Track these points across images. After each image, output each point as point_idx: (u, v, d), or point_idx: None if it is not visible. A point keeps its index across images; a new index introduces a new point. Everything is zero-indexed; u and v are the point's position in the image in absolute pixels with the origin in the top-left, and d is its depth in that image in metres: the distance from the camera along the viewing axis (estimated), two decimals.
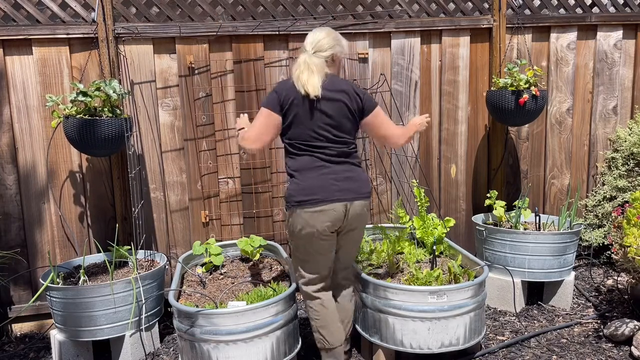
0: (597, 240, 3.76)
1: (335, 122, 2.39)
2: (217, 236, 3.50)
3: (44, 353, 3.07)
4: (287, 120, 2.39)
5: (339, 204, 2.38)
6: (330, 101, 2.38)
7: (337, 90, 2.40)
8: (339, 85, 2.42)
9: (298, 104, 2.37)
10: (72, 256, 3.30)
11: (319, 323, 2.53)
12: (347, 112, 2.41)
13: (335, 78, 2.45)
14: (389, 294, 2.59)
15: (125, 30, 3.16)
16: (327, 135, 2.39)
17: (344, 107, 2.40)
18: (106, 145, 2.86)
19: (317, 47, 2.44)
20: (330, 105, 2.38)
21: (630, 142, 3.75)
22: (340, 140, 2.42)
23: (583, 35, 3.81)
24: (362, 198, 2.45)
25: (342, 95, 2.40)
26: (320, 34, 2.45)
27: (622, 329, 2.87)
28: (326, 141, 2.40)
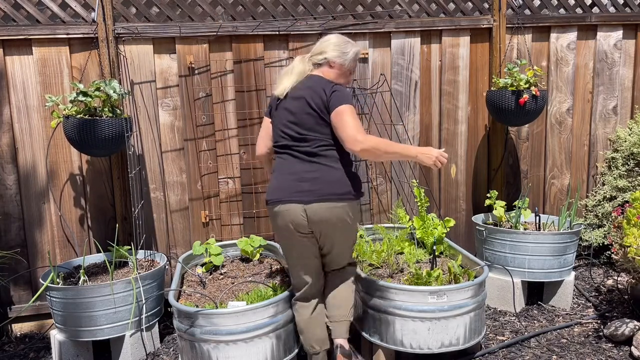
0: (597, 240, 3.76)
1: (297, 119, 2.35)
2: (217, 236, 3.50)
3: (44, 353, 3.07)
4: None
5: (295, 205, 2.30)
6: (294, 99, 2.38)
7: (303, 87, 2.37)
8: (309, 83, 2.38)
9: (275, 106, 2.46)
10: (72, 256, 3.30)
11: (300, 327, 2.54)
12: (309, 108, 2.33)
13: (313, 78, 2.41)
14: (389, 294, 2.59)
15: (125, 30, 3.16)
16: (290, 134, 2.37)
17: (304, 103, 2.34)
18: (106, 145, 2.86)
19: (313, 50, 2.49)
20: (293, 103, 2.37)
21: (630, 142, 3.75)
22: (303, 138, 2.35)
23: (583, 35, 3.82)
24: (324, 200, 2.29)
25: (306, 91, 2.35)
26: (326, 38, 2.47)
27: (622, 329, 2.87)
28: (291, 140, 2.37)
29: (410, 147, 2.35)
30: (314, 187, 2.31)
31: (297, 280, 2.51)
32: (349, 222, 2.38)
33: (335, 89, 2.34)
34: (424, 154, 2.32)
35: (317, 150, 2.34)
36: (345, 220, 2.37)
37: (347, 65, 2.47)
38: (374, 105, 3.61)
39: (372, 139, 2.23)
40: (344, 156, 2.39)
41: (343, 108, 2.28)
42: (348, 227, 2.40)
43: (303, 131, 2.35)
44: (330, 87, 2.34)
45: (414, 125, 3.67)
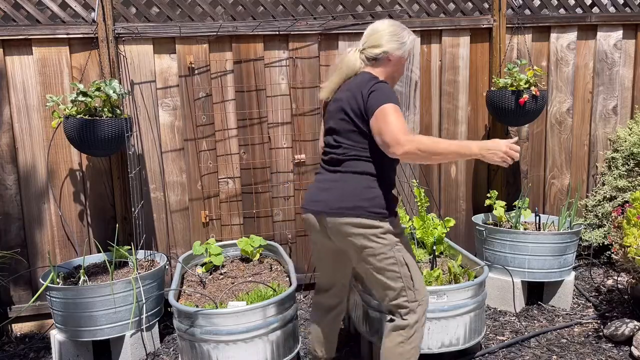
0: (597, 240, 3.76)
1: (334, 124, 2.13)
2: (217, 236, 3.50)
3: (44, 353, 3.07)
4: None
5: (311, 215, 2.17)
6: (334, 102, 2.15)
7: (345, 89, 2.12)
8: (352, 83, 2.11)
9: (324, 108, 2.29)
10: (72, 256, 3.30)
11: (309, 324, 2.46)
12: (343, 114, 2.08)
13: (361, 77, 2.10)
14: None
15: (125, 30, 3.16)
16: (329, 141, 2.19)
17: (340, 107, 2.10)
18: (106, 145, 2.86)
19: (368, 42, 2.14)
20: (333, 106, 2.16)
21: (630, 142, 3.75)
22: (338, 145, 2.12)
23: (583, 35, 3.81)
24: (333, 214, 2.06)
25: (345, 93, 2.10)
26: (377, 26, 2.14)
27: (622, 329, 2.87)
28: (329, 147, 2.18)
29: (470, 144, 1.96)
30: (327, 198, 2.09)
31: (317, 275, 2.43)
32: (366, 244, 2.03)
33: (374, 89, 2.01)
34: (490, 151, 1.93)
35: (344, 159, 2.10)
36: (360, 243, 2.04)
37: (406, 57, 2.19)
38: None
39: (417, 140, 1.91)
40: (383, 172, 2.08)
41: (382, 109, 1.96)
42: (368, 252, 2.05)
43: (339, 138, 2.11)
44: (369, 87, 2.02)
45: (414, 125, 3.67)
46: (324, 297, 2.44)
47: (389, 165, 2.11)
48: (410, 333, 2.08)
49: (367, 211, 2.02)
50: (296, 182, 3.57)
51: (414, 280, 2.09)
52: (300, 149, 3.54)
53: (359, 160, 2.08)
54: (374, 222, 2.03)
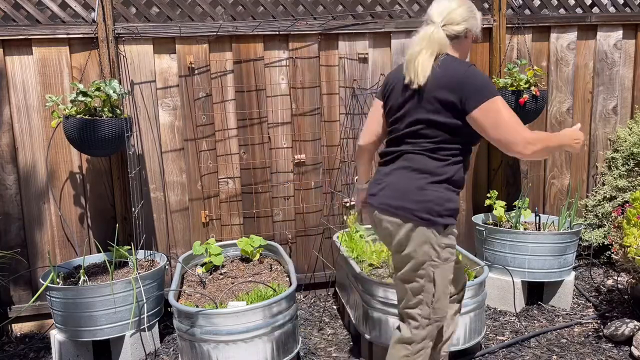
0: (597, 240, 3.76)
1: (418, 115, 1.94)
2: (217, 236, 3.50)
3: (44, 353, 3.07)
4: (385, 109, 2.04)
5: (369, 207, 2.08)
6: (411, 89, 1.94)
7: (433, 76, 1.89)
8: (441, 68, 1.90)
9: (392, 89, 2.02)
10: (72, 256, 3.30)
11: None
12: (434, 103, 1.89)
13: (446, 61, 1.91)
14: (389, 294, 2.59)
15: (125, 30, 3.16)
16: (400, 127, 2.00)
17: (432, 96, 1.89)
18: (106, 146, 2.86)
19: (449, 18, 1.94)
20: (409, 94, 1.95)
21: (630, 142, 3.75)
22: (412, 133, 1.97)
23: (583, 35, 3.81)
24: (381, 210, 1.97)
25: (434, 82, 1.89)
26: (450, 2, 1.95)
27: (622, 329, 2.87)
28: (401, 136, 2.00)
29: (564, 137, 1.94)
30: (383, 193, 1.98)
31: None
32: (404, 248, 1.93)
33: (469, 75, 1.86)
34: (576, 141, 1.96)
35: (406, 152, 1.96)
36: (399, 244, 1.94)
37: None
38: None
39: (539, 138, 1.83)
40: (448, 172, 1.92)
41: (493, 102, 1.82)
42: (404, 254, 1.94)
43: (424, 131, 1.93)
44: (463, 72, 1.87)
45: None
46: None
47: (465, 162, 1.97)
48: (416, 349, 2.00)
49: (411, 214, 1.90)
50: (296, 182, 3.57)
51: (435, 299, 1.97)
52: (300, 149, 3.54)
53: (422, 155, 1.94)
54: (416, 226, 1.91)
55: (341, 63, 3.52)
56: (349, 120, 3.58)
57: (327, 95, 3.53)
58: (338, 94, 3.54)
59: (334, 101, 3.54)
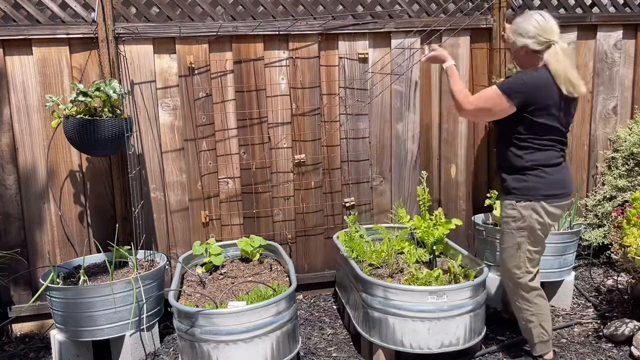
0: (597, 240, 3.76)
1: (566, 120, 2.51)
2: (217, 236, 3.50)
3: (44, 353, 3.07)
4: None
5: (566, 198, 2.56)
6: (564, 97, 2.45)
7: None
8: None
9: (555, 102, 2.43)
10: (72, 256, 3.30)
11: (542, 317, 2.56)
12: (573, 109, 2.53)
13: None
14: (389, 294, 2.59)
15: (125, 30, 3.16)
16: (561, 137, 2.52)
17: (573, 105, 2.52)
18: (106, 146, 2.86)
19: (555, 33, 2.46)
20: (564, 101, 2.45)
21: (630, 142, 3.75)
22: (566, 140, 2.55)
23: (583, 35, 3.81)
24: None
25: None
26: (550, 18, 2.45)
27: (622, 329, 2.87)
28: (562, 143, 2.53)
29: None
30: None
31: (537, 263, 2.65)
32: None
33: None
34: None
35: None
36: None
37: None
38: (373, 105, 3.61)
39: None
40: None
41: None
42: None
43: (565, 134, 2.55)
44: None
45: (414, 125, 3.67)
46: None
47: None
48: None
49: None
50: (296, 182, 3.57)
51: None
52: (300, 149, 3.54)
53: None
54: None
55: (341, 63, 3.52)
56: (349, 120, 3.58)
57: (327, 95, 3.53)
58: (338, 94, 3.54)
59: (334, 101, 3.54)
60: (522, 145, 2.44)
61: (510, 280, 2.59)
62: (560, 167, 2.47)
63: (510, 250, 2.54)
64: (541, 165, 2.43)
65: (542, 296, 2.59)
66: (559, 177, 2.46)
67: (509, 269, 2.57)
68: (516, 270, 2.54)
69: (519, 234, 2.49)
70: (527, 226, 2.46)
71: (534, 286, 2.55)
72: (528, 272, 2.53)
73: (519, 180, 2.46)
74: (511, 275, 2.57)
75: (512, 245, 2.53)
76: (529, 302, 2.56)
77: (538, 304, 2.56)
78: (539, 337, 2.58)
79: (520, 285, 2.55)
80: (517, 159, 2.46)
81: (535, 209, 2.43)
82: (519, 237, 2.49)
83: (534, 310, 2.55)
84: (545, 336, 2.59)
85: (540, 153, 2.43)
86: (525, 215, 2.44)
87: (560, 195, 2.46)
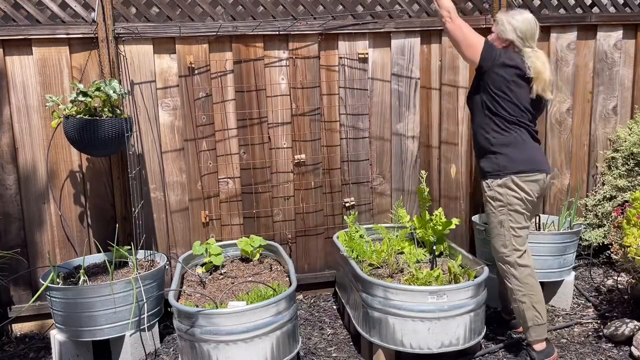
0: (597, 240, 3.76)
1: (535, 104, 2.71)
2: (217, 236, 3.50)
3: (44, 353, 3.07)
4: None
5: (546, 175, 2.71)
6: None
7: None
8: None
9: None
10: (72, 256, 3.30)
11: (534, 299, 2.63)
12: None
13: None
14: (389, 294, 2.59)
15: (125, 30, 3.16)
16: (529, 116, 2.71)
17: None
18: (106, 146, 2.86)
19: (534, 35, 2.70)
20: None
21: (630, 142, 3.75)
22: (534, 121, 2.75)
23: (583, 35, 3.81)
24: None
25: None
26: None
27: (622, 329, 2.87)
28: (530, 120, 2.70)
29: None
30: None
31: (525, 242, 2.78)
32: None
33: None
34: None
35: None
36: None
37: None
38: (372, 105, 3.61)
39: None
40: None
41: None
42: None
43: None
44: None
45: (414, 125, 3.67)
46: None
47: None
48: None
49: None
50: (296, 182, 3.57)
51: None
52: (300, 149, 3.54)
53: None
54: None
55: (341, 63, 3.52)
56: (349, 120, 3.58)
57: (327, 95, 3.53)
58: (338, 94, 3.54)
59: (334, 101, 3.54)
60: (491, 128, 2.66)
61: (500, 260, 2.69)
62: (533, 145, 2.67)
63: (495, 230, 2.68)
64: (506, 144, 2.63)
65: (533, 276, 2.66)
66: (528, 155, 2.62)
67: (496, 248, 2.69)
68: (503, 248, 2.65)
69: (500, 211, 2.63)
70: (506, 203, 2.61)
71: (523, 263, 2.64)
72: (516, 250, 2.64)
73: (489, 160, 2.65)
74: (500, 255, 2.68)
75: (495, 224, 2.66)
76: (519, 282, 2.63)
77: (529, 283, 2.63)
78: (532, 319, 2.63)
79: (509, 263, 2.65)
80: (485, 139, 2.68)
81: (507, 184, 2.59)
82: (501, 215, 2.63)
83: (525, 291, 2.63)
84: (539, 319, 2.63)
85: (507, 134, 2.63)
86: (501, 192, 2.60)
87: (528, 171, 2.59)
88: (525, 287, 2.63)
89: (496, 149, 2.62)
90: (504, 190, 2.60)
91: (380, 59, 3.56)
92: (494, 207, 2.64)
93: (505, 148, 2.60)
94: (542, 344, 2.66)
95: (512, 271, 2.65)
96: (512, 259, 2.64)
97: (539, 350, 2.66)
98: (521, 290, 2.63)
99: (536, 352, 2.66)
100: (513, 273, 2.65)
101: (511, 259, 2.64)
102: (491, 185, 2.63)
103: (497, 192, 2.62)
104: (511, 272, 2.65)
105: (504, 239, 2.64)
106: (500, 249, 2.67)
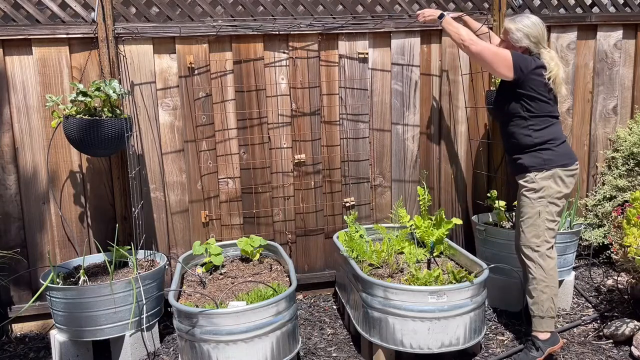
0: (597, 239, 3.76)
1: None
2: (217, 236, 3.50)
3: (44, 353, 3.07)
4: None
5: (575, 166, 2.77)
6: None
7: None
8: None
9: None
10: (72, 256, 3.30)
11: (554, 291, 2.70)
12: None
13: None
14: (389, 294, 2.59)
15: (125, 30, 3.16)
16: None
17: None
18: (106, 146, 2.86)
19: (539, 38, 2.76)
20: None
21: (630, 141, 3.75)
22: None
23: (583, 35, 3.81)
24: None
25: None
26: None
27: (622, 329, 2.87)
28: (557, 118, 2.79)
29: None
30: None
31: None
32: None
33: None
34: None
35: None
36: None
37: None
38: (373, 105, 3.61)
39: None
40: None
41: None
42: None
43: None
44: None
45: (414, 125, 3.66)
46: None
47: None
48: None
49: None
50: (296, 182, 3.57)
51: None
52: (300, 149, 3.54)
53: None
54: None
55: (341, 63, 3.52)
56: (349, 120, 3.58)
57: (327, 95, 3.53)
58: (338, 94, 3.54)
59: (334, 101, 3.54)
60: (533, 129, 2.70)
61: (529, 249, 2.72)
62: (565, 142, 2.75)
63: (530, 220, 2.70)
64: (549, 140, 2.69)
65: (556, 270, 2.72)
66: (568, 148, 2.74)
67: (528, 239, 2.71)
68: (535, 239, 2.69)
69: (539, 202, 2.67)
70: (546, 195, 2.66)
71: (551, 255, 2.70)
72: (547, 242, 2.70)
73: (531, 156, 2.69)
74: (530, 245, 2.71)
75: (532, 215, 2.69)
76: (545, 273, 2.68)
77: (553, 276, 2.69)
78: (548, 311, 2.69)
79: (539, 252, 2.69)
80: (526, 137, 2.70)
81: (553, 177, 2.66)
82: (539, 206, 2.67)
83: (548, 282, 2.68)
84: (553, 312, 2.71)
85: (548, 129, 2.70)
86: (544, 185, 2.65)
87: (570, 164, 2.68)
88: (548, 279, 2.68)
89: (540, 145, 2.68)
90: (548, 182, 2.65)
91: (380, 59, 3.56)
92: (532, 199, 2.68)
93: (548, 143, 2.67)
94: (547, 334, 2.71)
95: (540, 261, 2.69)
96: (542, 250, 2.69)
97: (544, 339, 2.70)
98: (545, 281, 2.68)
99: (541, 340, 2.70)
100: (541, 264, 2.69)
101: (541, 249, 2.69)
102: (535, 178, 2.67)
103: (540, 184, 2.66)
104: (539, 262, 2.69)
105: (537, 230, 2.68)
106: (532, 239, 2.70)
